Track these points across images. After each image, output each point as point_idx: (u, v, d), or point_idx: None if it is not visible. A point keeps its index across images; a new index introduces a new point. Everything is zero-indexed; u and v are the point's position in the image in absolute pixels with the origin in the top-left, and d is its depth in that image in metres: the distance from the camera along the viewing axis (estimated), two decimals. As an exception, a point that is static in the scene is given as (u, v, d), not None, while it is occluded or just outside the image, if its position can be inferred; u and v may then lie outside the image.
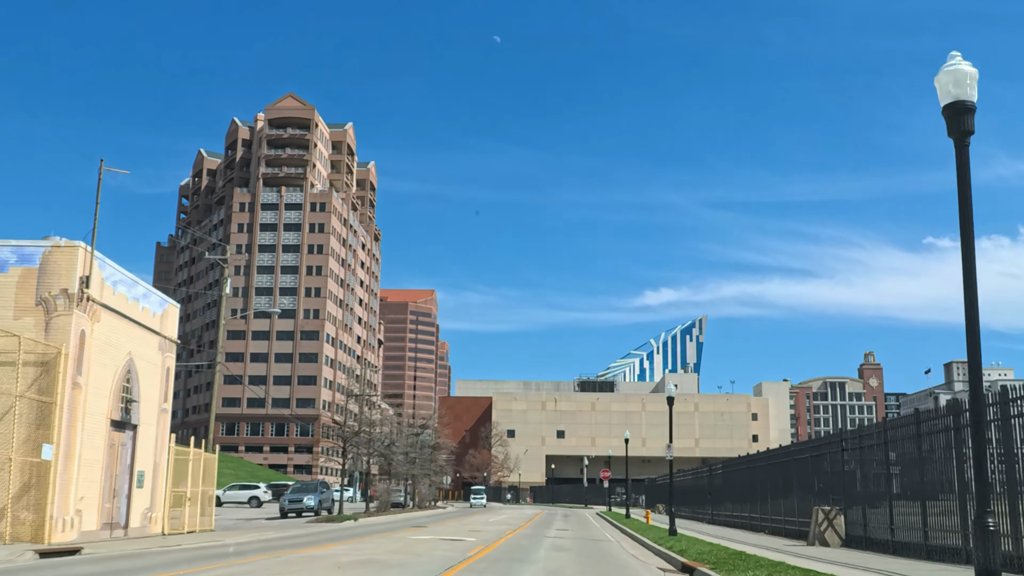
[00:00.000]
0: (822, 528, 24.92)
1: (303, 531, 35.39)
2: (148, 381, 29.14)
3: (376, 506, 59.23)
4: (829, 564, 18.24)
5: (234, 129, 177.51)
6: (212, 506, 35.79)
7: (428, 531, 35.26)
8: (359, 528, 38.36)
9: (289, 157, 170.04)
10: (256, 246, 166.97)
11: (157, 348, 30.13)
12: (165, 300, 31.14)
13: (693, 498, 55.10)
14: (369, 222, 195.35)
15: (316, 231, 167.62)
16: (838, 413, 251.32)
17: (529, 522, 48.37)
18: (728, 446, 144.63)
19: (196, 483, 33.55)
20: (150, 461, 29.78)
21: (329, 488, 53.30)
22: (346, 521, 44.44)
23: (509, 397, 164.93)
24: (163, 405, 30.95)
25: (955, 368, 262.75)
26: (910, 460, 20.90)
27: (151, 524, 29.93)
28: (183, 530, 31.91)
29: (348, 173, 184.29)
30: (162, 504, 30.89)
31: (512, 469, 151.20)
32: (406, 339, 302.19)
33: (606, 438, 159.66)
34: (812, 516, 25.58)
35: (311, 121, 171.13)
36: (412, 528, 38.21)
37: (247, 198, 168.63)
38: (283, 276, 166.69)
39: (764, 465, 35.03)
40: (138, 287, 28.40)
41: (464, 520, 48.73)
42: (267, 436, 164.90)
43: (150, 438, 29.62)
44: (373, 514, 54.52)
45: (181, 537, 29.44)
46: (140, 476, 28.79)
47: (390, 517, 51.23)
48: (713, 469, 46.06)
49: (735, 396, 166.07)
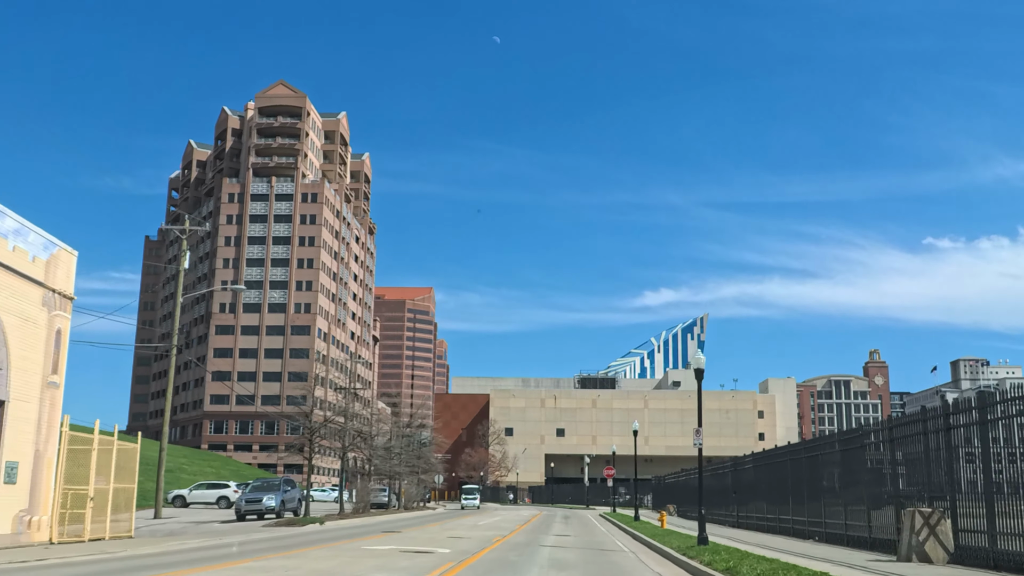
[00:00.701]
0: (920, 537, 17.88)
1: (242, 538, 28.39)
2: (23, 344, 22.10)
3: (354, 507, 52.26)
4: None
5: (224, 118, 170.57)
6: (131, 509, 28.75)
7: (396, 539, 28.24)
8: (315, 535, 31.35)
9: (280, 146, 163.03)
10: (245, 238, 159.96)
11: (40, 303, 23.09)
12: (53, 243, 24.07)
13: (710, 498, 48.10)
14: (363, 215, 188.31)
15: (307, 222, 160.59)
16: (843, 412, 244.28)
17: (524, 525, 41.38)
18: (734, 444, 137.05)
19: (106, 478, 26.51)
20: (28, 449, 22.71)
21: (295, 487, 46.21)
22: (310, 525, 37.45)
23: (507, 394, 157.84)
24: (51, 378, 23.89)
25: (962, 366, 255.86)
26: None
27: (31, 531, 22.88)
28: (83, 538, 24.89)
29: (341, 164, 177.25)
30: (49, 505, 23.83)
31: (510, 468, 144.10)
32: (403, 337, 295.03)
33: (607, 436, 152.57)
34: (905, 520, 18.53)
35: (302, 109, 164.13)
36: (380, 534, 31.21)
37: (236, 188, 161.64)
38: (273, 269, 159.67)
39: (812, 456, 28.01)
40: (6, 219, 21.38)
41: (449, 523, 41.73)
42: (257, 434, 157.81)
43: (27, 419, 22.55)
44: (349, 516, 47.53)
45: (71, 548, 22.42)
46: (10, 469, 21.76)
47: (364, 520, 44.22)
48: (739, 464, 39.03)
49: (741, 393, 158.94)
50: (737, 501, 38.62)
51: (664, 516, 37.27)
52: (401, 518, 49.03)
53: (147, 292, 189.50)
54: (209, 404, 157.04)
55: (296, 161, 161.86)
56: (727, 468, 41.52)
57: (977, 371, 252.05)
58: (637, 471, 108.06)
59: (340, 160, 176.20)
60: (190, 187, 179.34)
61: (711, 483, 49.03)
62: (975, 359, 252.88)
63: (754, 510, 35.72)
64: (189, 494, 62.36)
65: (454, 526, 38.63)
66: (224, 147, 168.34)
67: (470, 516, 54.61)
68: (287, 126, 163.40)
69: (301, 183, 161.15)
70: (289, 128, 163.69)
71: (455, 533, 32.27)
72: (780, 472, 32.23)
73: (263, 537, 29.49)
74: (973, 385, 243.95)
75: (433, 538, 28.72)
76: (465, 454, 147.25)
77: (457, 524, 41.01)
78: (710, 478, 49.59)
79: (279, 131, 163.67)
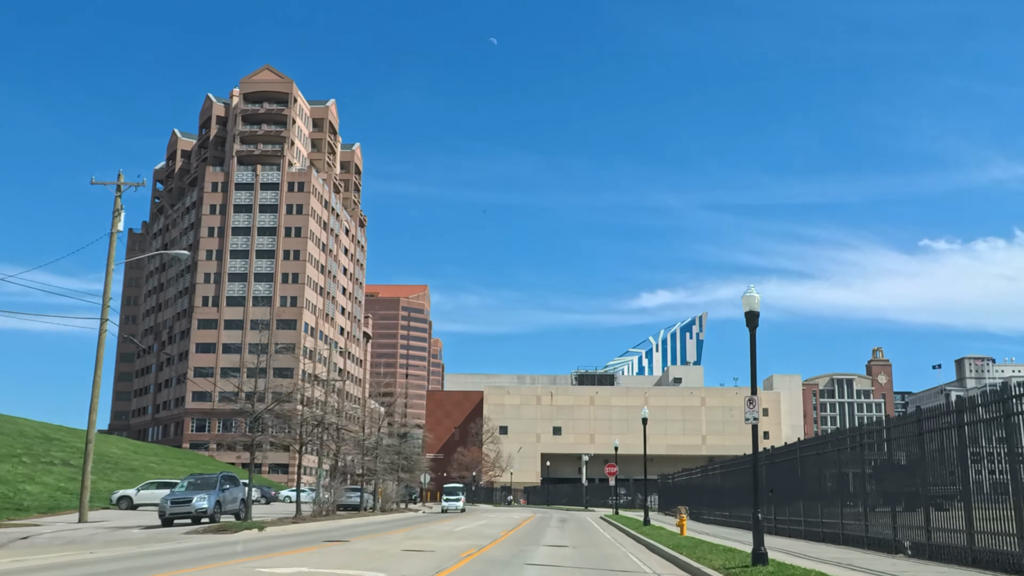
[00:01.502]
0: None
1: (126, 551, 20.56)
2: None
3: (314, 510, 44.44)
4: None
5: (208, 106, 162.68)
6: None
7: (327, 554, 20.41)
8: (228, 546, 23.56)
9: (265, 134, 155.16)
10: (229, 228, 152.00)
11: None
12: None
13: (726, 499, 40.46)
14: (354, 207, 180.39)
15: (294, 212, 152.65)
16: (846, 411, 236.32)
17: (511, 532, 33.56)
18: (737, 443, 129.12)
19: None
20: None
21: (239, 484, 38.31)
22: (245, 531, 29.64)
23: (501, 391, 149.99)
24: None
25: (967, 364, 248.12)
26: None
27: None
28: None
29: (330, 153, 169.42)
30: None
31: (504, 468, 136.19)
32: (397, 336, 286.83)
33: (606, 435, 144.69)
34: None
35: (289, 95, 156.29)
36: (317, 545, 23.40)
37: (220, 177, 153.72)
38: (258, 261, 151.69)
39: (899, 439, 20.17)
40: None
41: (418, 530, 33.88)
42: (241, 432, 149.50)
43: None
44: (307, 519, 39.71)
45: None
46: None
47: (321, 525, 36.39)
48: (777, 455, 31.21)
49: (744, 390, 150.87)
50: (774, 501, 30.79)
51: (684, 520, 29.43)
52: (367, 522, 41.21)
53: (131, 287, 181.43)
54: (191, 401, 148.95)
55: (282, 149, 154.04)
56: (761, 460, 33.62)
57: (983, 369, 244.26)
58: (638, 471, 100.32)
59: (329, 149, 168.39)
60: (174, 178, 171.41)
61: (726, 482, 41.37)
62: (980, 357, 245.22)
63: (800, 513, 27.89)
64: (136, 494, 54.55)
65: (422, 534, 30.81)
66: (208, 135, 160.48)
67: (450, 520, 46.71)
68: (273, 113, 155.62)
69: (287, 172, 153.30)
70: (275, 115, 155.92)
71: (418, 544, 24.47)
72: (834, 465, 24.47)
73: (156, 550, 21.67)
74: (978, 384, 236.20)
75: (381, 552, 20.91)
76: (458, 453, 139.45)
77: (428, 531, 33.17)
78: (724, 475, 41.87)
79: (264, 118, 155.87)
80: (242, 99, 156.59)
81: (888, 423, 21.64)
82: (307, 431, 43.81)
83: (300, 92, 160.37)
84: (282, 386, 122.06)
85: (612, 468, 62.73)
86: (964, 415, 16.38)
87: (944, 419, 17.45)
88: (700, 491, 49.49)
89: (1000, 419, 14.93)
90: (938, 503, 17.79)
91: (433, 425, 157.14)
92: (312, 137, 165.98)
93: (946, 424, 17.23)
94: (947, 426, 17.06)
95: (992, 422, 15.47)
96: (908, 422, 19.55)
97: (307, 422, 47.04)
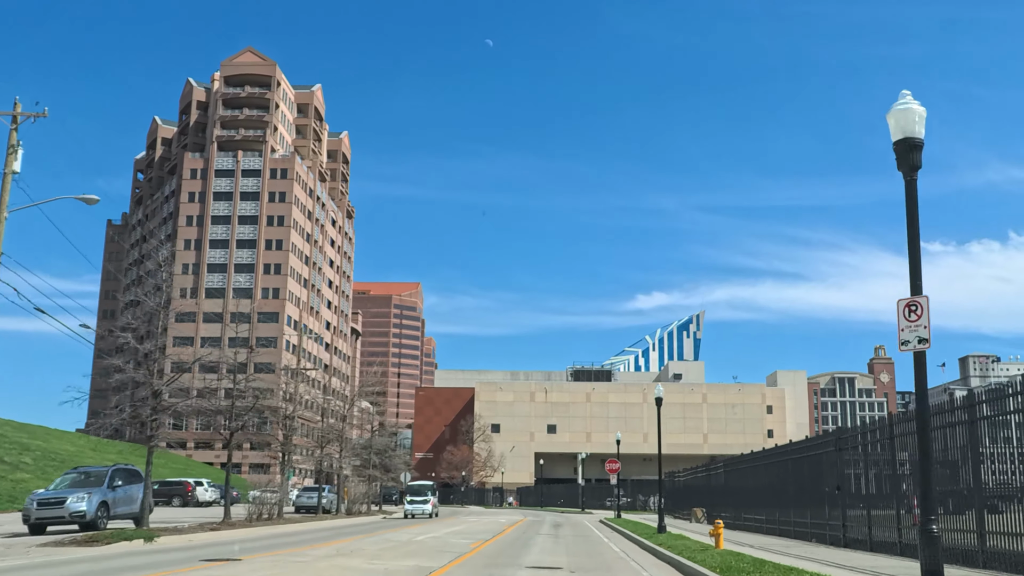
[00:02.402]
0: None
1: None
2: None
3: (249, 513, 35.98)
4: None
5: (188, 91, 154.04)
6: None
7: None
8: (65, 569, 15.11)
9: (247, 118, 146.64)
10: (208, 217, 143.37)
11: None
12: None
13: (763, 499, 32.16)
14: (341, 196, 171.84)
15: (276, 200, 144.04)
16: (847, 410, 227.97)
17: (488, 542, 25.15)
18: (741, 442, 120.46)
19: None
20: None
21: (137, 480, 29.75)
22: (123, 543, 21.33)
23: (493, 387, 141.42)
24: None
25: (971, 362, 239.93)
26: None
27: None
28: None
29: (316, 140, 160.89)
30: None
31: (496, 468, 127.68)
32: (389, 334, 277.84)
33: (603, 433, 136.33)
34: None
35: (272, 79, 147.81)
36: (194, 566, 14.97)
37: (199, 164, 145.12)
38: (239, 251, 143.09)
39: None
40: None
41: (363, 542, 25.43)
42: (221, 431, 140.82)
43: None
44: (234, 525, 31.24)
45: None
46: None
47: (242, 533, 27.94)
48: (845, 439, 22.81)
49: (748, 386, 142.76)
50: (841, 503, 22.41)
51: (720, 530, 20.99)
52: (310, 529, 32.77)
53: (109, 280, 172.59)
54: (168, 398, 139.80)
55: (264, 134, 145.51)
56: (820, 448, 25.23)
57: (987, 368, 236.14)
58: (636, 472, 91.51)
59: (315, 136, 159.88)
60: (154, 167, 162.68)
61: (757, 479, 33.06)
62: (985, 355, 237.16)
63: (894, 523, 19.48)
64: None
65: (362, 547, 22.37)
66: (188, 121, 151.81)
67: (414, 527, 38.03)
68: (255, 97, 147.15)
69: (270, 158, 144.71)
70: (257, 99, 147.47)
71: (340, 565, 16.08)
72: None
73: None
74: (983, 382, 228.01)
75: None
76: (447, 452, 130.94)
77: (373, 543, 24.72)
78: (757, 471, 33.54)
79: (246, 102, 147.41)
80: (223, 82, 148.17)
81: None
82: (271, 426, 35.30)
83: (284, 76, 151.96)
84: (261, 380, 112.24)
85: (614, 464, 54.19)
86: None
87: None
88: (719, 491, 41.19)
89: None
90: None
91: (422, 423, 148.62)
92: (297, 123, 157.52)
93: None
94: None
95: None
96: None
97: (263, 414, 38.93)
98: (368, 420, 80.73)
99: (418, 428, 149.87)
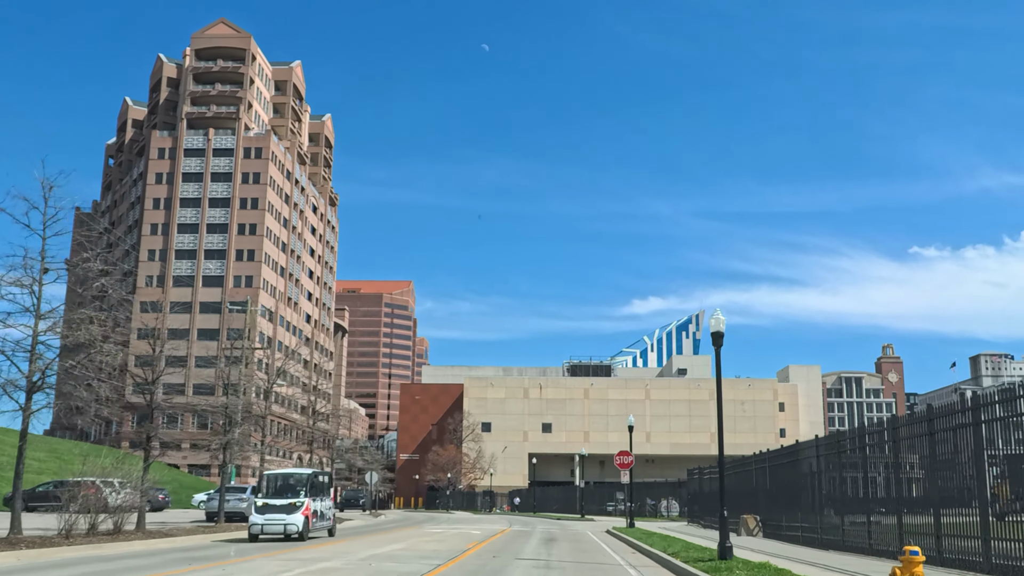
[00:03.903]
0: None
1: None
2: None
3: (64, 526, 23.45)
4: None
5: (159, 67, 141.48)
6: None
7: None
8: None
9: (219, 94, 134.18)
10: (177, 199, 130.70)
11: None
12: None
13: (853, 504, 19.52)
14: (324, 182, 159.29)
15: (250, 182, 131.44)
16: (854, 410, 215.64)
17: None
18: (751, 442, 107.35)
19: None
20: None
21: None
22: None
23: (484, 382, 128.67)
24: None
25: (983, 361, 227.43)
26: None
27: None
28: None
29: (296, 120, 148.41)
30: None
31: (486, 470, 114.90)
32: (380, 334, 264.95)
33: (602, 432, 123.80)
34: None
35: (247, 51, 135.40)
36: None
37: (168, 143, 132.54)
38: (209, 236, 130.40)
39: None
40: None
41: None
42: (188, 430, 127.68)
43: None
44: (12, 545, 18.53)
45: None
46: None
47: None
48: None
49: (758, 382, 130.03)
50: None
51: (919, 569, 8.39)
52: (137, 552, 20.06)
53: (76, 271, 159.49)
54: (132, 395, 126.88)
55: (238, 111, 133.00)
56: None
57: (1000, 367, 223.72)
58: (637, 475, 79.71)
59: (294, 116, 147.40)
60: (124, 150, 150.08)
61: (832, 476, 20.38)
62: (997, 354, 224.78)
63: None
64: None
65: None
66: (159, 99, 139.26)
67: (275, 555, 24.46)
68: (228, 71, 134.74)
69: (243, 136, 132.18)
70: (231, 73, 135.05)
71: None
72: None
73: None
74: (996, 382, 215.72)
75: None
76: (432, 453, 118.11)
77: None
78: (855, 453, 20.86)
79: (218, 76, 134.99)
80: (194, 56, 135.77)
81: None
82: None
83: (260, 50, 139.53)
84: (222, 374, 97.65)
85: (626, 457, 41.17)
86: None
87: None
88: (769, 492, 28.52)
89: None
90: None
91: (408, 422, 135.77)
92: (274, 101, 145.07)
93: None
94: None
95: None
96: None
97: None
98: (352, 419, 68.37)
99: (403, 427, 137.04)
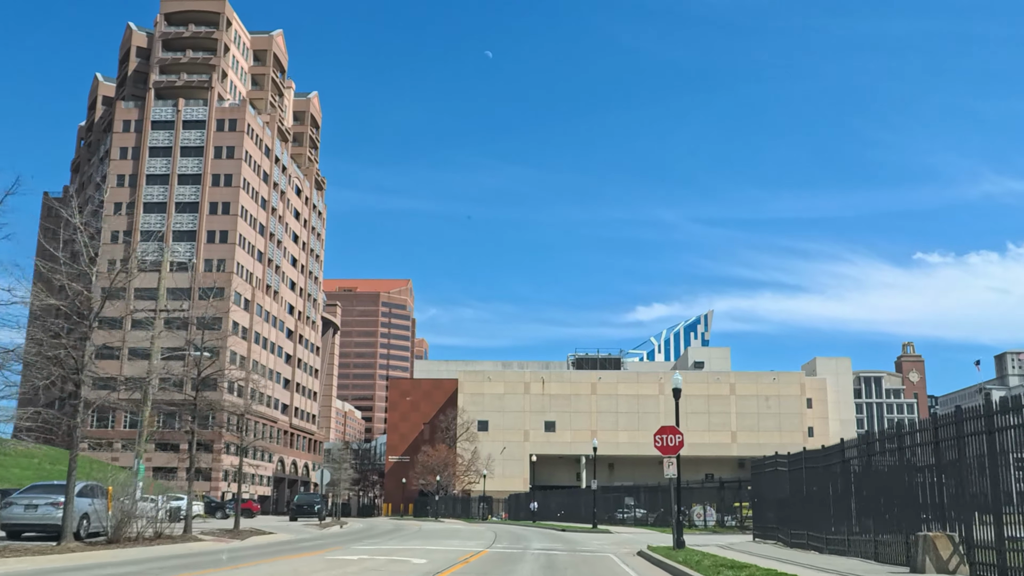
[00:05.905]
0: None
1: None
2: None
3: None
4: None
5: (128, 36, 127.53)
6: None
7: None
8: None
9: (191, 62, 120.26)
10: (143, 175, 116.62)
11: None
12: None
13: None
14: (309, 164, 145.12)
15: (223, 156, 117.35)
16: (874, 412, 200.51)
17: None
18: (776, 442, 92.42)
19: None
20: None
21: None
22: None
23: (480, 377, 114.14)
24: None
25: (1009, 360, 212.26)
26: None
27: None
28: None
29: (277, 94, 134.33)
30: None
31: (481, 472, 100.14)
32: (377, 334, 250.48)
33: (611, 431, 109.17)
34: None
35: (221, 15, 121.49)
36: None
37: (134, 115, 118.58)
38: (179, 215, 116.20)
39: None
40: None
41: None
42: (152, 429, 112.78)
43: None
44: None
45: None
46: None
47: None
48: None
49: (783, 375, 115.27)
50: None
51: None
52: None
53: (47, 259, 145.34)
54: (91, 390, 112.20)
55: (211, 80, 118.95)
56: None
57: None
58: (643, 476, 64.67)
59: (275, 89, 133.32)
60: (94, 129, 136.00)
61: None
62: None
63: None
64: None
65: None
66: (128, 71, 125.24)
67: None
68: (200, 36, 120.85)
69: (216, 107, 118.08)
70: (203, 39, 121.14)
71: None
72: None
73: None
74: (1023, 381, 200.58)
75: None
76: (422, 454, 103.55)
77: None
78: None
79: (190, 43, 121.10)
80: (164, 22, 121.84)
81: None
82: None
83: (236, 14, 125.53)
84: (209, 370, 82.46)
85: (675, 436, 25.62)
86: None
87: None
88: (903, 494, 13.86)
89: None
90: None
91: (397, 421, 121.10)
92: (253, 72, 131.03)
93: None
94: None
95: None
96: None
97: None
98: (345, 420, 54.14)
99: (392, 427, 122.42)
